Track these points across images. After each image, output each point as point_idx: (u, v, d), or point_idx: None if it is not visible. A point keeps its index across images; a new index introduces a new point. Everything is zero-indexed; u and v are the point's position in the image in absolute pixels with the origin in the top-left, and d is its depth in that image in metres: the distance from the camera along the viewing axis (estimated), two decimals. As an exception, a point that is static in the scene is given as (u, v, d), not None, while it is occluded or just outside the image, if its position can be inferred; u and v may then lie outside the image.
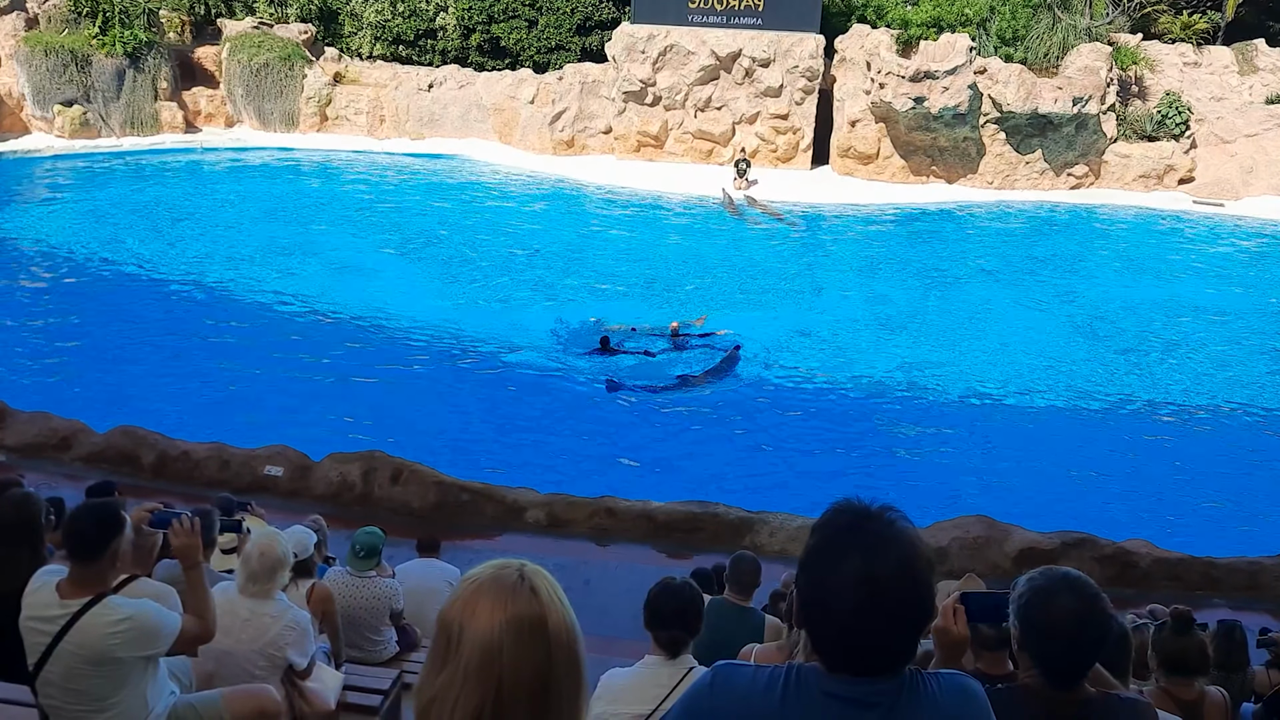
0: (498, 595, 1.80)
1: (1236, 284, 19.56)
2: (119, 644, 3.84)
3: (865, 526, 2.03)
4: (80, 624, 3.82)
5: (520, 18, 27.10)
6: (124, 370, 14.08)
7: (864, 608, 1.97)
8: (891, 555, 1.99)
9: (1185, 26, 26.08)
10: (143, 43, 24.89)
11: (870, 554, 1.98)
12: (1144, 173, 24.12)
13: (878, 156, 24.44)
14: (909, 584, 1.99)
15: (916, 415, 13.90)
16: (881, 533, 2.02)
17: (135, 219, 20.52)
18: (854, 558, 1.99)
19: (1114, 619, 3.22)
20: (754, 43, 24.15)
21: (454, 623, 1.79)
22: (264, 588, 4.79)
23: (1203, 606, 8.69)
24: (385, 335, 15.76)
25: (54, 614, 3.84)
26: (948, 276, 19.42)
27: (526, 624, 1.78)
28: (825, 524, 2.09)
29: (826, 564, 2.02)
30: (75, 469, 9.83)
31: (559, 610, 1.82)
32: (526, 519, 9.83)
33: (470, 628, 1.77)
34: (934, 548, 9.19)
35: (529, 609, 1.79)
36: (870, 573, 1.97)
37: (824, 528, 2.08)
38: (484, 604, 1.79)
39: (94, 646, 3.81)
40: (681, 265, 19.38)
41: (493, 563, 1.87)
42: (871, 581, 1.96)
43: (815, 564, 2.05)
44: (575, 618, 1.85)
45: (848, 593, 1.97)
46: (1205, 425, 14.03)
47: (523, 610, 1.79)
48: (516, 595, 1.80)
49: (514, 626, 1.77)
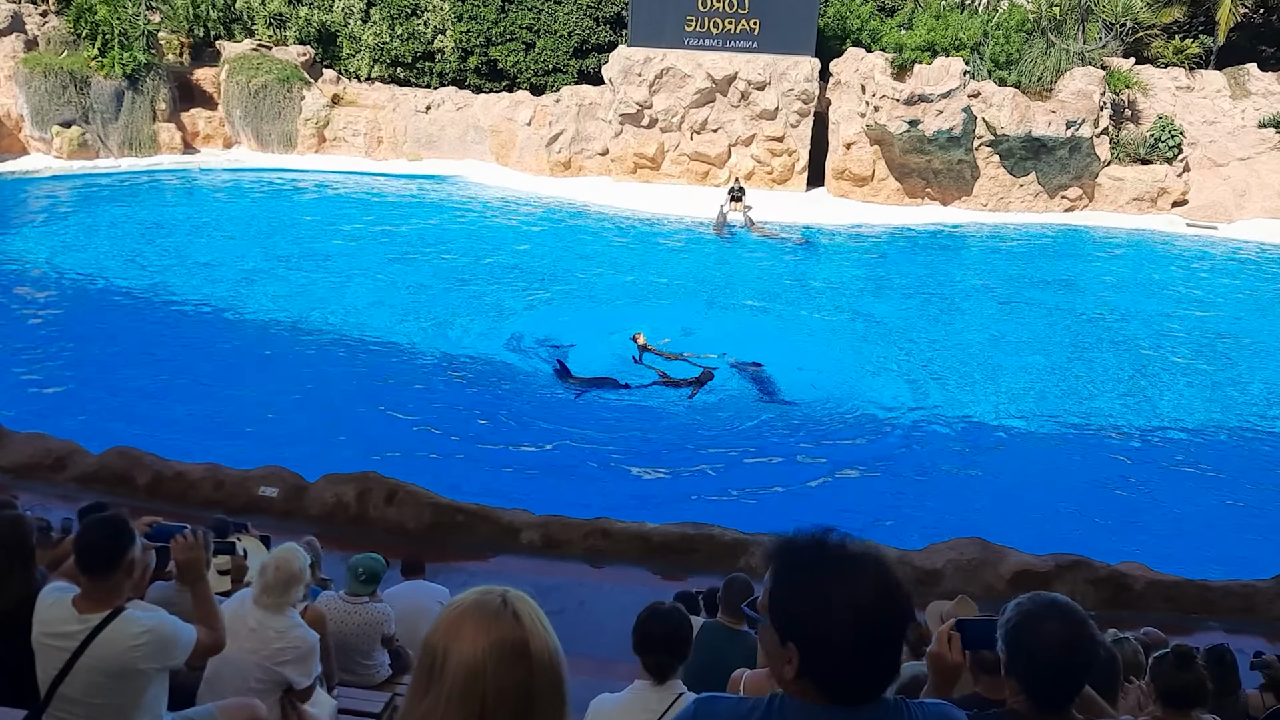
0: (481, 620, 1.81)
1: (1231, 306, 19.62)
2: (141, 656, 3.88)
3: (833, 555, 2.06)
4: (101, 638, 3.84)
5: (518, 41, 27.27)
6: (120, 390, 14.05)
7: (865, 633, 1.99)
8: (869, 576, 2.02)
9: (1177, 51, 26.26)
10: (142, 64, 25.01)
11: (852, 580, 2.01)
12: (1138, 195, 24.27)
13: (873, 178, 24.57)
14: (893, 598, 2.03)
15: (910, 435, 13.91)
16: (849, 556, 2.05)
17: (132, 239, 20.55)
18: (840, 589, 2.01)
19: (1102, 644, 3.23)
20: (749, 66, 24.30)
21: (437, 648, 1.80)
22: (277, 601, 4.78)
23: (1197, 629, 8.70)
24: (380, 355, 15.75)
25: (72, 629, 3.86)
26: (942, 298, 19.48)
27: (509, 648, 1.79)
28: (792, 564, 2.09)
29: (817, 602, 2.02)
30: (69, 490, 9.80)
31: (542, 634, 1.84)
32: (521, 540, 9.82)
33: (453, 652, 1.78)
34: (928, 570, 9.19)
35: (512, 633, 1.80)
36: (860, 599, 1.99)
37: (795, 569, 2.08)
38: (467, 629, 1.80)
39: (116, 660, 3.85)
40: (676, 285, 19.43)
41: (476, 589, 1.88)
42: (863, 607, 1.99)
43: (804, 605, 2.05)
44: (558, 642, 1.86)
45: (849, 623, 1.98)
46: (1200, 447, 14.04)
47: (506, 634, 1.80)
48: (499, 620, 1.81)
49: (497, 651, 1.78)
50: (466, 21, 27.25)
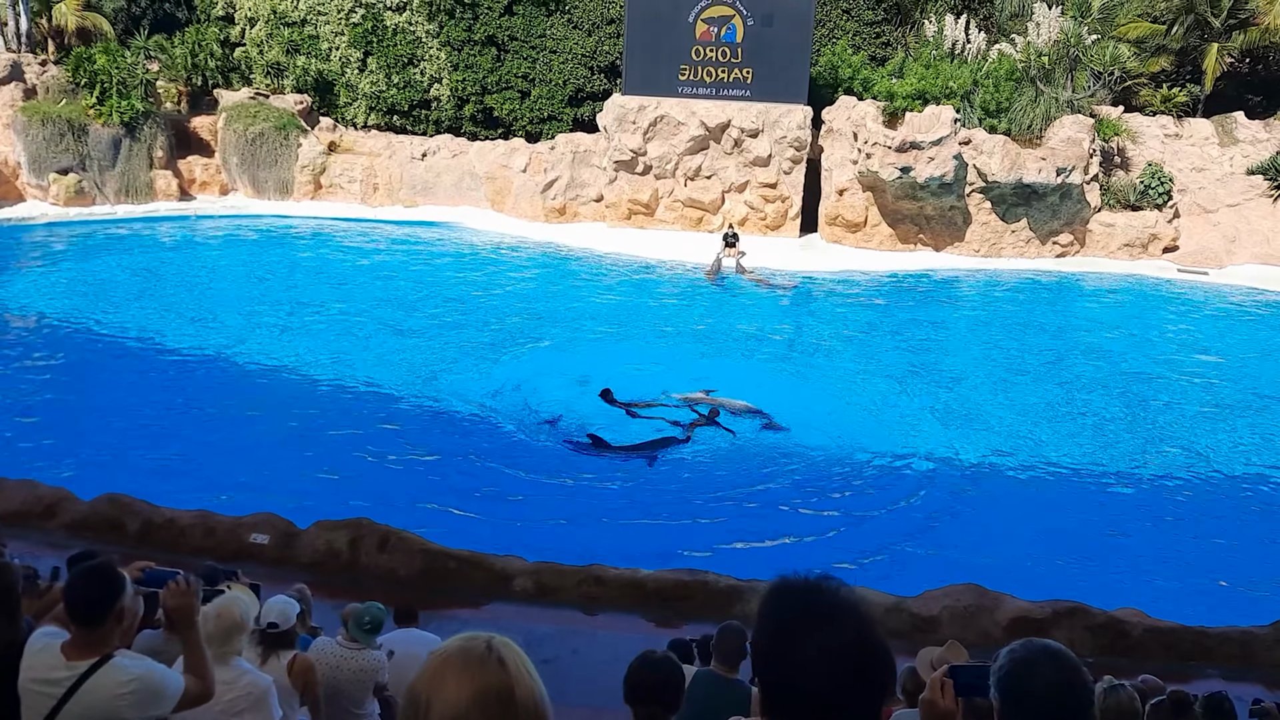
0: (465, 667, 1.79)
1: (1225, 350, 19.68)
2: (126, 705, 3.83)
3: (815, 601, 2.04)
4: (88, 685, 3.80)
5: (513, 89, 27.55)
6: (112, 437, 14.00)
7: (832, 682, 1.96)
8: (848, 624, 2.00)
9: (1165, 99, 26.60)
10: (140, 112, 25.20)
11: (827, 627, 1.99)
12: (1129, 241, 24.44)
13: (865, 224, 24.73)
14: (869, 649, 2.00)
15: (904, 481, 13.87)
16: (832, 604, 2.03)
17: (126, 286, 20.59)
18: (814, 634, 1.99)
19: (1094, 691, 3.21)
20: (743, 114, 24.55)
21: (421, 695, 1.78)
22: (219, 651, 4.69)
23: (1195, 677, 8.63)
24: (373, 401, 15.73)
25: (59, 676, 3.81)
26: (934, 344, 19.53)
27: (494, 695, 1.77)
28: (774, 606, 2.08)
29: (786, 645, 2.01)
30: (59, 537, 9.73)
31: (527, 681, 1.81)
32: (514, 587, 9.75)
33: (437, 699, 1.76)
34: (924, 616, 9.13)
35: (497, 680, 1.78)
36: (832, 646, 1.97)
37: (774, 611, 2.07)
38: (451, 676, 1.78)
39: (102, 708, 3.80)
40: (670, 331, 19.47)
41: (461, 635, 1.86)
42: (835, 654, 1.96)
43: (775, 647, 2.04)
44: (544, 690, 1.84)
45: (817, 669, 1.97)
46: (1195, 492, 14.01)
47: (491, 681, 1.78)
48: (484, 666, 1.79)
49: (480, 698, 1.76)
50: (463, 70, 27.54)
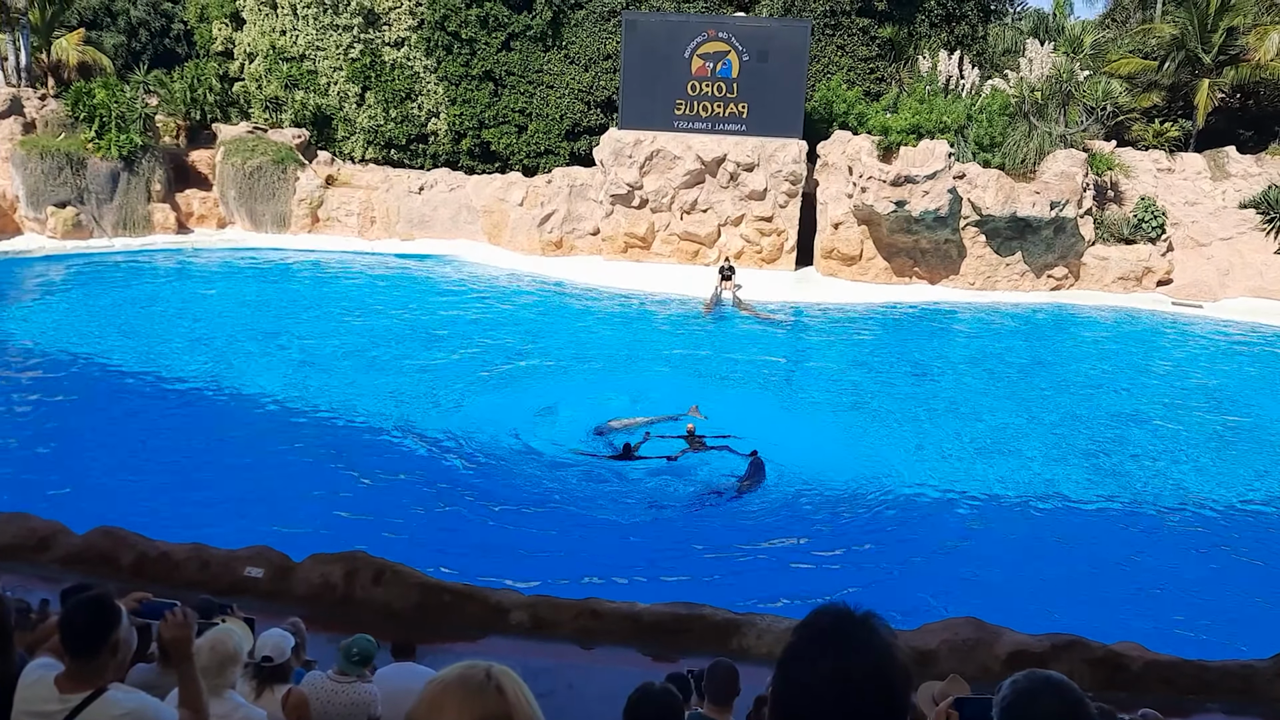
0: (464, 695, 1.77)
1: (1220, 382, 19.71)
2: None
3: (844, 629, 2.02)
4: (81, 718, 3.75)
5: (510, 123, 27.75)
6: (107, 470, 13.95)
7: (835, 708, 1.94)
8: (868, 658, 1.97)
9: (1157, 134, 26.85)
10: (138, 146, 25.33)
11: (846, 655, 1.96)
12: (1123, 274, 24.57)
13: (861, 258, 24.84)
14: (882, 688, 1.96)
15: (901, 514, 13.83)
16: (859, 635, 2.00)
17: (122, 319, 20.60)
18: (829, 658, 1.97)
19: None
20: (738, 148, 24.73)
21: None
22: (213, 683, 4.64)
23: (1195, 711, 8.57)
24: (369, 433, 15.70)
25: (52, 709, 3.78)
26: (930, 376, 19.55)
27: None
28: (806, 625, 2.08)
29: (802, 663, 2.00)
30: (52, 571, 9.66)
31: (527, 710, 1.80)
32: (510, 621, 9.67)
33: None
34: (923, 650, 9.06)
35: (496, 708, 1.77)
36: (844, 673, 1.95)
37: (804, 629, 2.06)
38: (450, 703, 1.77)
39: None
40: (667, 363, 19.49)
41: (460, 664, 1.85)
42: (844, 682, 1.94)
43: (791, 663, 2.03)
44: (543, 718, 1.83)
45: (822, 690, 1.95)
46: (1194, 525, 13.98)
47: (490, 710, 1.76)
48: (484, 695, 1.78)
49: None
50: (460, 105, 27.74)
